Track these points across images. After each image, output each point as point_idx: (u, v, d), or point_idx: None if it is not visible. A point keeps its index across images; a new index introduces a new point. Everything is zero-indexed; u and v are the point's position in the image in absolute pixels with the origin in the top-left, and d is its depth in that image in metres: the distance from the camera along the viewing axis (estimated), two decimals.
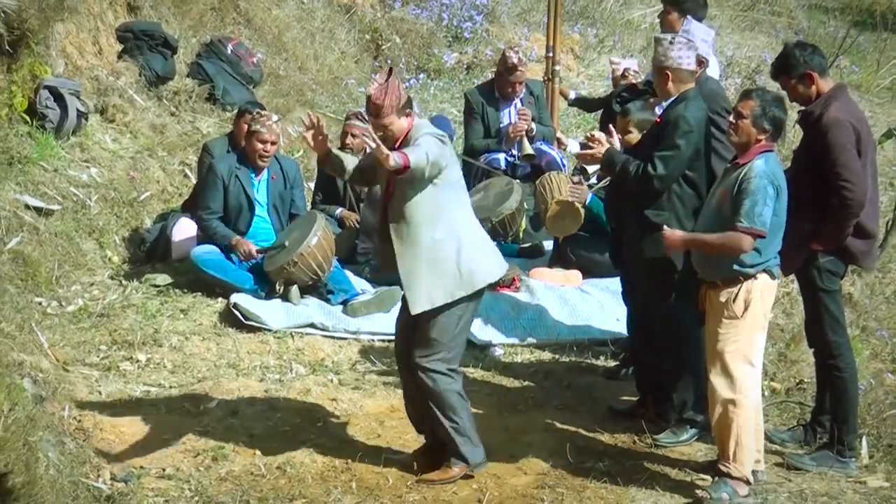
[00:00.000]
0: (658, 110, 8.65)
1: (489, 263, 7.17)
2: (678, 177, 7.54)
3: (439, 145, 6.88)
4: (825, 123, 7.29)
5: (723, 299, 7.01)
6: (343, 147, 10.89)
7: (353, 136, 10.83)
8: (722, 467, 7.07)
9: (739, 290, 6.96)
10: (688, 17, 9.07)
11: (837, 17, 22.10)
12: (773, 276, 7.05)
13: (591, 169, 8.10)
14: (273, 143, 10.18)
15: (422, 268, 6.95)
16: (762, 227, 6.80)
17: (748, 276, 6.97)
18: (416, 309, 6.99)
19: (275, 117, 10.26)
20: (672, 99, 7.69)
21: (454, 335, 7.09)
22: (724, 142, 7.72)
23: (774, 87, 10.70)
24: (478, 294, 7.11)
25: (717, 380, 7.04)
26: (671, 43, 7.66)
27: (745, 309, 6.95)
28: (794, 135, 13.45)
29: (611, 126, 8.26)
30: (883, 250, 10.15)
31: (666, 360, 7.81)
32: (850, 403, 7.60)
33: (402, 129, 7.05)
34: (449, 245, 6.96)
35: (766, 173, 6.85)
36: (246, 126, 10.22)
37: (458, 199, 7.08)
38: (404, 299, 7.16)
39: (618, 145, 7.90)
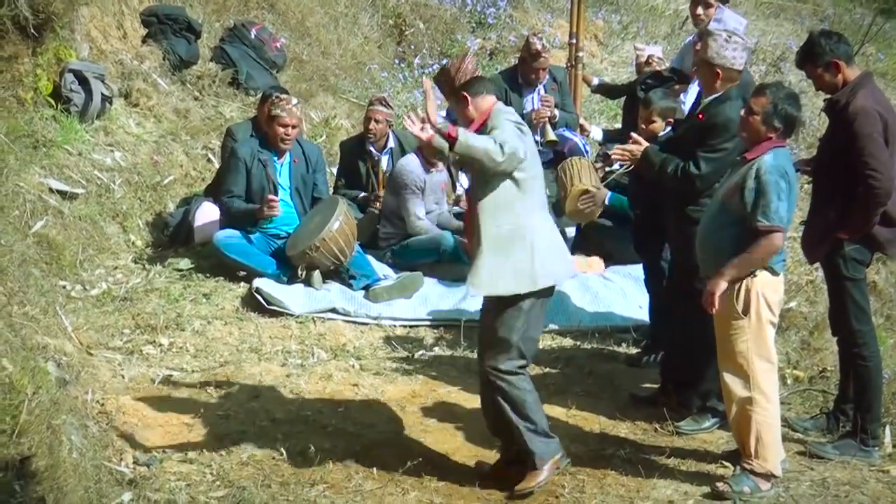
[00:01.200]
0: (682, 98, 8.64)
1: (556, 264, 6.97)
2: (720, 177, 7.44)
3: (518, 136, 6.73)
4: (851, 112, 7.24)
5: (725, 297, 6.98)
6: (367, 132, 10.89)
7: (376, 121, 10.83)
8: (745, 464, 7.04)
9: (740, 289, 6.89)
10: (720, 5, 9.01)
11: (863, 4, 21.99)
12: (774, 273, 6.95)
13: (614, 155, 8.05)
14: (294, 127, 10.17)
15: (486, 255, 6.79)
16: (780, 223, 6.75)
17: (747, 274, 6.92)
18: (477, 290, 6.92)
19: (294, 101, 10.23)
20: (715, 96, 7.60)
21: (522, 332, 6.89)
22: None
23: (800, 74, 10.67)
24: (545, 292, 6.94)
25: (730, 378, 7.00)
26: (727, 41, 7.54)
27: (747, 308, 6.91)
28: (819, 123, 13.45)
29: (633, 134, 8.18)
30: None
31: (695, 347, 7.78)
32: (873, 392, 7.57)
33: (472, 114, 6.91)
34: (515, 240, 6.78)
35: (777, 168, 6.79)
36: (270, 107, 10.21)
37: (530, 197, 6.84)
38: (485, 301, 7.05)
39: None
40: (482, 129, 6.78)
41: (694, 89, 9.01)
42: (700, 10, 9.38)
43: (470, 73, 6.95)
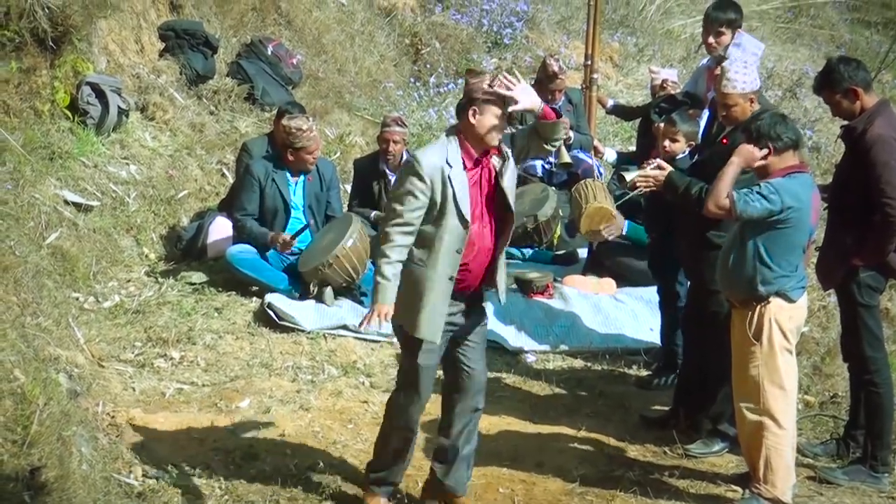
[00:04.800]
0: (701, 121, 8.65)
1: None
2: None
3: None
4: (869, 139, 7.24)
5: (741, 322, 7.00)
6: (385, 154, 10.86)
7: (394, 142, 10.81)
8: (753, 488, 7.03)
9: (754, 315, 6.93)
10: (739, 30, 9.01)
11: (880, 31, 22.03)
12: (788, 300, 6.95)
13: (628, 176, 8.05)
14: (317, 149, 10.23)
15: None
16: (741, 208, 6.75)
17: (760, 300, 6.92)
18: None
19: (310, 122, 10.22)
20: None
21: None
22: None
23: (816, 100, 10.68)
24: None
25: (743, 402, 7.02)
26: (745, 68, 7.57)
27: (761, 334, 6.92)
28: (835, 149, 13.46)
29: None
30: None
31: (708, 371, 7.77)
32: (884, 419, 7.56)
33: None
34: None
35: (780, 184, 6.81)
36: (283, 136, 10.17)
37: None
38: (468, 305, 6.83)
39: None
40: None
41: (706, 115, 9.00)
42: (712, 39, 9.38)
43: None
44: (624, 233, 9.93)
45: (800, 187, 6.89)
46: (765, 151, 6.88)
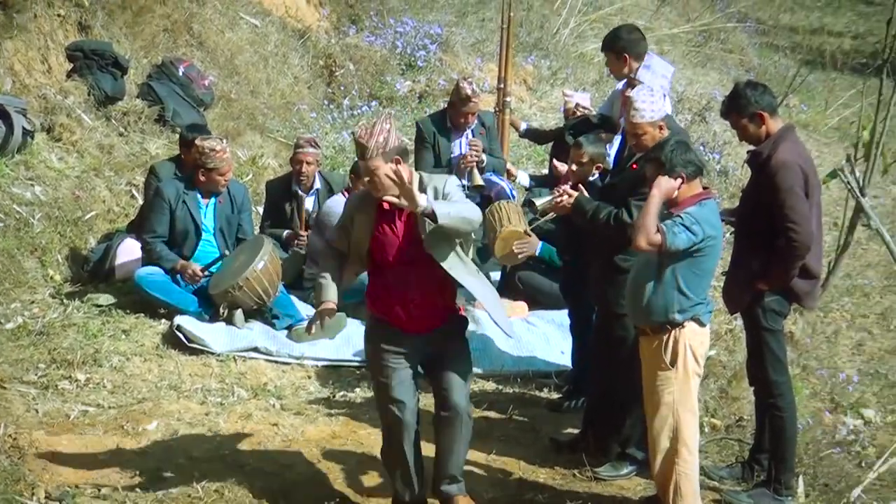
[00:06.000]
0: (610, 147, 8.70)
1: None
2: None
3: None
4: (774, 165, 7.31)
5: (653, 349, 7.00)
6: (299, 175, 10.83)
7: (307, 163, 10.78)
8: None
9: (668, 340, 6.94)
10: (649, 52, 9.07)
11: (788, 55, 22.36)
12: (701, 324, 7.01)
13: (538, 202, 8.08)
14: (229, 171, 10.18)
15: None
16: (670, 241, 6.76)
17: (675, 325, 6.94)
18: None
19: (223, 143, 10.16)
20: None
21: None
22: None
23: (724, 124, 10.79)
24: None
25: (656, 429, 7.03)
26: (652, 96, 7.59)
27: (675, 360, 6.95)
28: (742, 173, 13.62)
29: (555, 162, 8.19)
30: (825, 290, 10.23)
31: (617, 394, 7.81)
32: (788, 442, 7.62)
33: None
34: None
35: (698, 214, 6.85)
36: (196, 156, 10.09)
37: None
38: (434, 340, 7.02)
39: (563, 167, 7.83)
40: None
41: (618, 139, 9.06)
42: (611, 66, 9.47)
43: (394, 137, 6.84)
44: (537, 253, 9.95)
45: (712, 214, 6.95)
46: (678, 181, 6.91)
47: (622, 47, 8.91)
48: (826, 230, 9.08)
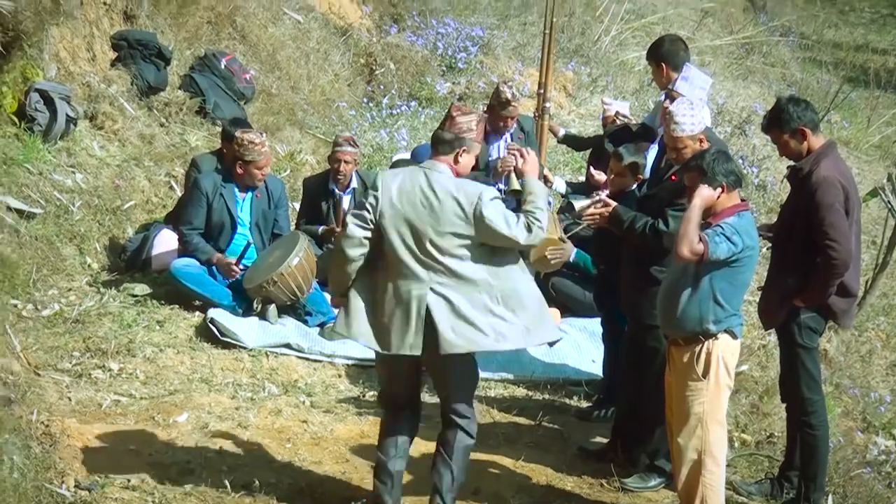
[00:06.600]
0: (649, 154, 8.67)
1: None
2: None
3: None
4: (815, 181, 7.28)
5: (685, 359, 6.99)
6: (337, 174, 10.83)
7: (346, 162, 10.78)
8: None
9: (701, 351, 6.92)
10: (687, 63, 9.05)
11: (831, 71, 22.24)
12: (734, 336, 7.00)
13: (577, 204, 8.07)
14: (267, 165, 10.19)
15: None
16: (712, 250, 6.75)
17: (709, 336, 6.92)
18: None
19: (262, 137, 10.18)
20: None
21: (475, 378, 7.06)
22: None
23: (764, 139, 10.74)
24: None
25: (683, 440, 7.01)
26: (692, 108, 7.56)
27: (707, 371, 6.93)
28: (780, 188, 13.56)
29: (592, 170, 8.15)
30: (861, 309, 10.18)
31: (646, 405, 7.79)
32: (819, 460, 7.59)
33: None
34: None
35: (738, 225, 6.84)
36: (234, 148, 10.11)
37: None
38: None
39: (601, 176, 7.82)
40: None
41: (654, 149, 9.04)
42: (653, 74, 9.48)
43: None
44: (571, 259, 9.94)
45: (750, 226, 6.94)
46: (719, 191, 6.89)
47: (661, 56, 8.92)
48: (864, 248, 9.06)
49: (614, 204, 7.79)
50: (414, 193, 6.65)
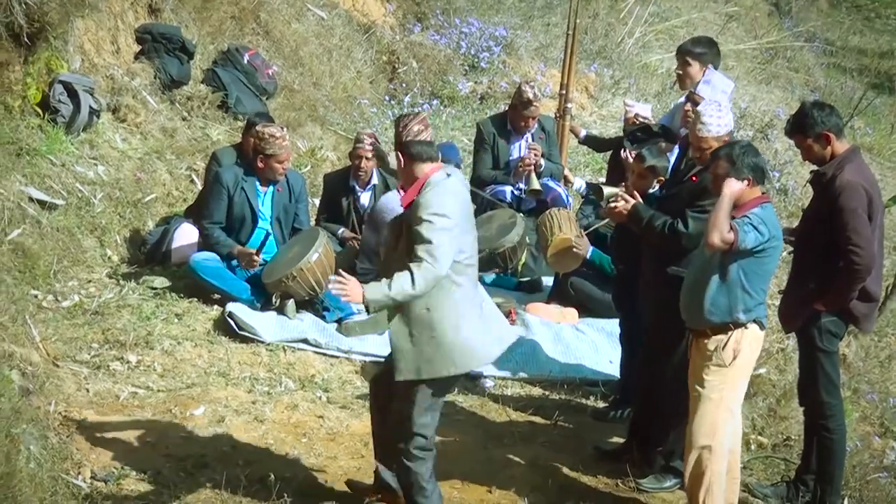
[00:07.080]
0: (671, 157, 8.67)
1: (486, 344, 6.72)
2: None
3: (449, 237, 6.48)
4: (838, 186, 7.27)
5: (711, 347, 7.03)
6: (357, 170, 10.85)
7: (367, 159, 10.78)
8: None
9: (729, 339, 6.99)
10: (709, 66, 9.05)
11: (855, 77, 22.18)
12: (762, 327, 7.09)
13: (606, 191, 8.05)
14: (288, 159, 10.20)
15: (410, 336, 6.57)
16: (741, 239, 6.79)
17: (738, 325, 6.99)
18: (398, 376, 6.60)
19: (283, 131, 10.18)
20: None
21: (433, 412, 6.71)
22: None
23: (787, 143, 10.72)
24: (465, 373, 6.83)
25: (696, 425, 7.06)
26: (719, 111, 7.56)
27: (734, 358, 6.96)
28: (802, 193, 13.52)
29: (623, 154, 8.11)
30: (881, 313, 10.15)
31: (663, 406, 7.78)
32: (836, 464, 7.58)
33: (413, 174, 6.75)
34: (444, 319, 6.54)
35: (763, 215, 6.87)
36: (255, 142, 10.12)
37: (463, 272, 6.58)
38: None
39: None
40: (418, 194, 6.62)
41: (676, 151, 9.04)
42: (679, 70, 9.47)
43: (414, 134, 6.84)
44: (588, 256, 9.94)
45: (773, 217, 7.03)
46: (745, 183, 6.92)
47: (696, 54, 8.95)
48: (886, 254, 9.02)
49: (634, 200, 7.79)
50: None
